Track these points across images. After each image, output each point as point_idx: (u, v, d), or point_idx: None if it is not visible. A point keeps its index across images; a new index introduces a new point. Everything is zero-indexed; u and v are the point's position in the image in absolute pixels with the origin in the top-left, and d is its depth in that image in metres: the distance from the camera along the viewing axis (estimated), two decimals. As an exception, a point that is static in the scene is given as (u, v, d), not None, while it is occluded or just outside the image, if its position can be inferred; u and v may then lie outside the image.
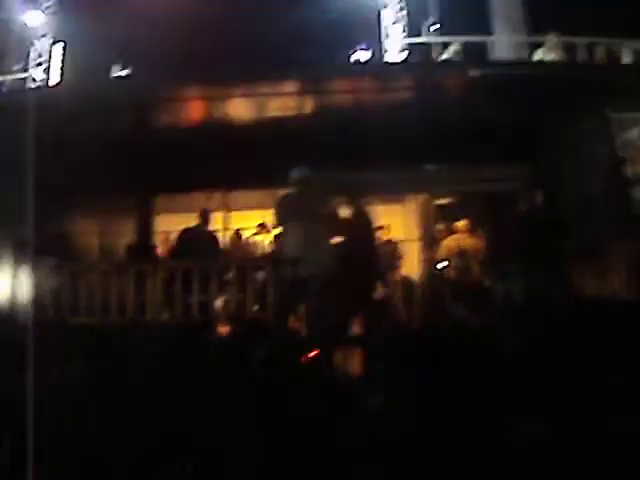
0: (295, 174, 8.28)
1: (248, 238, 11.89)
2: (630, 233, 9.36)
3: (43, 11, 14.72)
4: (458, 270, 11.02)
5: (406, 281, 12.24)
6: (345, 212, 8.54)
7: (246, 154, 10.36)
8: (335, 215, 8.43)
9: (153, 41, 12.81)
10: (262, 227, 11.85)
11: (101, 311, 8.47)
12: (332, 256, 8.34)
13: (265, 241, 11.62)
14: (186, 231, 10.40)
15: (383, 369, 6.90)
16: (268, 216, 10.64)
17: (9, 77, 13.45)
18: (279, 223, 8.51)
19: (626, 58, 11.93)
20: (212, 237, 10.45)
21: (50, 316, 8.53)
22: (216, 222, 12.13)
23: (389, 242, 12.66)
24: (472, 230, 11.27)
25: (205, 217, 10.34)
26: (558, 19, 12.51)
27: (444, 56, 12.17)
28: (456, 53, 12.09)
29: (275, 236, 9.01)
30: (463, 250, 11.11)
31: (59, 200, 10.03)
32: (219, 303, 8.63)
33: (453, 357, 6.54)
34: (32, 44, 14.43)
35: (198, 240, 10.03)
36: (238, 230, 11.94)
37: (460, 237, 11.36)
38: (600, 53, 12.23)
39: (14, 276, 9.32)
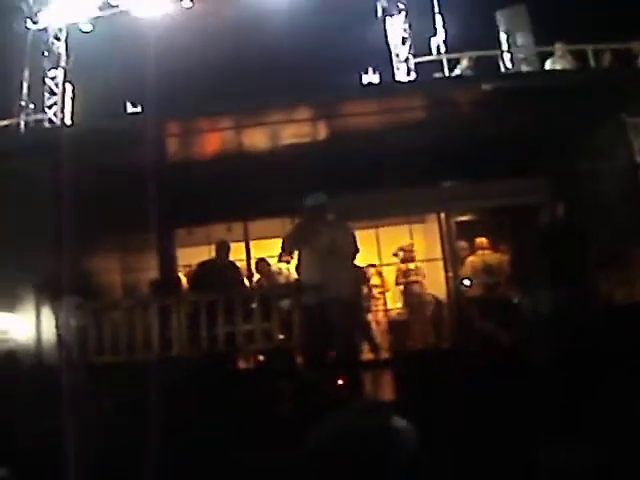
0: (309, 201, 8.24)
1: (270, 267, 11.89)
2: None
3: (53, 52, 14.86)
4: (484, 287, 10.97)
5: (432, 300, 12.24)
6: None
7: (263, 182, 10.38)
8: (351, 240, 8.36)
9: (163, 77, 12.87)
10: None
11: (126, 349, 8.42)
12: (351, 281, 8.31)
13: (286, 269, 11.63)
14: (204, 264, 10.40)
15: (414, 390, 6.81)
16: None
17: (25, 118, 13.55)
18: (295, 250, 8.48)
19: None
20: (231, 268, 10.42)
21: (75, 356, 8.51)
22: (238, 252, 12.18)
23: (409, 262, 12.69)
24: (495, 246, 11.23)
25: (222, 248, 10.33)
26: (564, 29, 12.51)
27: (455, 72, 12.13)
28: (467, 68, 12.05)
29: (295, 264, 8.94)
30: (488, 266, 11.06)
31: (81, 238, 10.07)
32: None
33: (484, 374, 6.46)
34: (44, 84, 14.56)
35: (217, 272, 10.01)
36: (260, 259, 11.93)
37: (484, 253, 11.33)
38: (608, 58, 12.17)
39: (38, 316, 9.36)
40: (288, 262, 11.26)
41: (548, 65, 12.17)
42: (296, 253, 8.52)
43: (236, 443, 5.78)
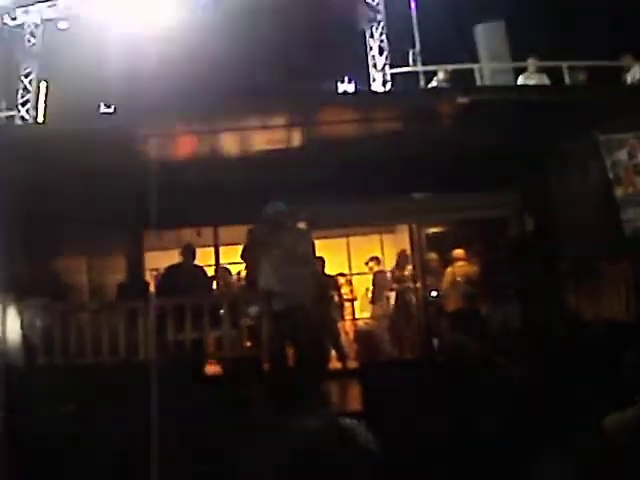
0: (269, 209, 8.27)
1: (237, 273, 11.87)
2: (621, 255, 9.33)
3: (29, 49, 14.74)
4: (453, 298, 11.01)
5: (401, 311, 12.26)
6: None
7: (233, 188, 10.31)
8: (310, 246, 8.38)
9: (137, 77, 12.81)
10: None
11: (92, 351, 8.35)
12: (311, 289, 8.31)
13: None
14: (170, 268, 10.33)
15: (381, 401, 6.81)
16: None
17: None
18: (254, 257, 8.46)
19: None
20: (198, 273, 10.36)
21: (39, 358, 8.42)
22: (207, 258, 12.13)
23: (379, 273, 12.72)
24: (466, 258, 11.27)
25: (188, 253, 10.27)
26: (540, 45, 12.60)
27: (432, 84, 12.19)
28: (444, 81, 12.11)
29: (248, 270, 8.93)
30: (459, 278, 11.11)
31: (47, 237, 9.97)
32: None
33: (455, 385, 6.49)
34: (19, 82, 14.45)
35: (183, 276, 9.95)
36: (225, 266, 11.92)
37: (455, 265, 11.37)
38: (582, 76, 12.30)
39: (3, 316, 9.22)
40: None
41: (521, 80, 12.27)
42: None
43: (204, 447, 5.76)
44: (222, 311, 8.85)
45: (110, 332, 8.49)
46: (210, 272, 11.56)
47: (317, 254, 8.43)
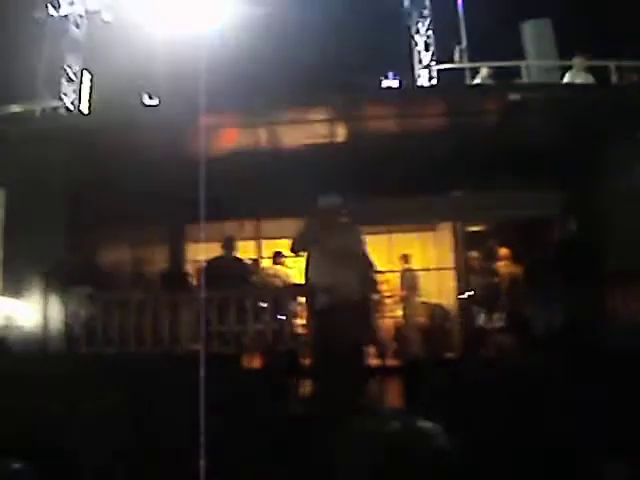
0: (323, 202, 8.17)
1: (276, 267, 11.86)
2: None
3: (73, 40, 14.85)
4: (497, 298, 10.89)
5: (441, 309, 12.18)
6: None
7: (279, 181, 10.31)
8: (363, 244, 8.30)
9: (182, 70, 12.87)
10: (279, 256, 11.85)
11: (135, 342, 8.38)
12: (360, 285, 8.24)
13: (288, 270, 11.60)
14: (212, 260, 10.35)
15: (424, 399, 6.76)
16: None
17: (42, 105, 13.49)
18: (301, 248, 8.39)
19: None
20: (239, 265, 10.35)
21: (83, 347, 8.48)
22: (249, 251, 12.14)
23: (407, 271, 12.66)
24: (510, 258, 11.14)
25: (229, 245, 10.26)
26: (588, 43, 12.45)
27: (476, 81, 12.07)
28: (487, 78, 12.00)
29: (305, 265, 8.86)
30: (502, 278, 10.99)
31: (92, 229, 10.04)
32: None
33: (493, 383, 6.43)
34: (63, 72, 14.56)
35: (224, 269, 9.94)
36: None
37: (499, 265, 11.25)
38: (630, 77, 12.12)
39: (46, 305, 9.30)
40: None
41: (567, 79, 12.11)
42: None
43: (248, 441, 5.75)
44: (264, 304, 8.82)
45: (153, 322, 8.52)
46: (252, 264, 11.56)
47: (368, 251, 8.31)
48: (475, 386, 6.58)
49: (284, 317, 8.61)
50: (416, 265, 12.95)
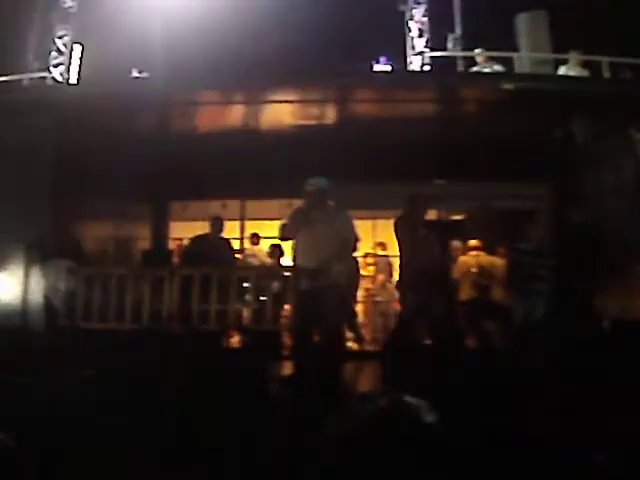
0: (310, 185, 8.12)
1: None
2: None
3: (64, 11, 14.67)
4: (476, 288, 10.88)
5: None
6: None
7: (264, 162, 10.24)
8: (351, 228, 8.26)
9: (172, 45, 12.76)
10: (255, 237, 11.83)
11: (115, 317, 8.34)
12: (348, 270, 8.22)
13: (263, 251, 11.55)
14: (197, 238, 10.30)
15: (404, 382, 6.73)
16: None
17: (29, 75, 13.33)
18: (291, 234, 8.35)
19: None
20: (225, 245, 10.31)
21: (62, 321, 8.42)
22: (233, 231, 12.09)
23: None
24: (490, 247, 11.12)
25: (217, 225, 10.22)
26: (582, 38, 12.43)
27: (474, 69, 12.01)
28: (482, 67, 11.95)
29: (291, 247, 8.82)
30: (481, 267, 10.96)
31: (75, 202, 9.95)
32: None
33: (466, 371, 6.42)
34: (53, 43, 14.40)
35: (209, 247, 9.91)
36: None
37: (478, 254, 11.22)
38: (623, 73, 12.12)
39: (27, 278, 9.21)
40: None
41: (561, 72, 12.09)
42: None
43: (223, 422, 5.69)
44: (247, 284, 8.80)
45: (134, 298, 8.47)
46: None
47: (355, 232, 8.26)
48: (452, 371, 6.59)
49: (265, 298, 8.58)
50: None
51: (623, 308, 9.16)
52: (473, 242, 11.20)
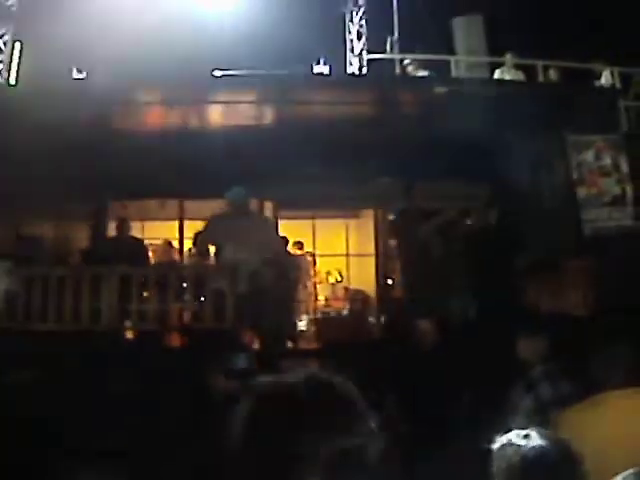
0: (231, 195, 8.32)
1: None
2: (579, 253, 9.52)
3: (6, 9, 14.50)
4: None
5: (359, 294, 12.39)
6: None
7: (200, 163, 10.27)
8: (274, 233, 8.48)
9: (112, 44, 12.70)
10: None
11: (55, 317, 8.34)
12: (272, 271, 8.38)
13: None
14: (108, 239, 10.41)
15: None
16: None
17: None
18: (213, 239, 8.51)
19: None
20: (134, 245, 10.35)
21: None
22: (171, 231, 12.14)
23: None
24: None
25: (122, 225, 10.28)
26: (515, 41, 12.71)
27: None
28: (411, 69, 12.15)
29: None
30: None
31: (13, 201, 9.89)
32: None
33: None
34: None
35: (116, 248, 9.93)
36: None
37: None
38: (554, 75, 12.43)
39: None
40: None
41: (497, 75, 12.37)
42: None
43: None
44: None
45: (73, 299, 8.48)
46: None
47: (280, 234, 8.47)
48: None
49: (203, 297, 8.68)
50: (339, 251, 13.23)
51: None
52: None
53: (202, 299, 8.75)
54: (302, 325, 12.01)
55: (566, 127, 10.58)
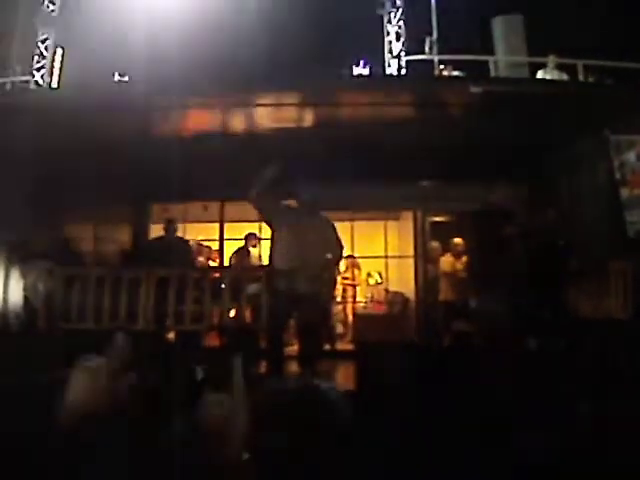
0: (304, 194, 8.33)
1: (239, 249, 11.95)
2: (625, 255, 9.36)
3: (47, 14, 14.73)
4: (453, 288, 11.04)
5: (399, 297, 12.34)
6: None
7: (243, 165, 10.32)
8: (327, 230, 8.41)
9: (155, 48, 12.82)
10: (251, 237, 11.92)
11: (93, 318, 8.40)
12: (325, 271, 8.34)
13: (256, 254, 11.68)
14: (154, 240, 10.45)
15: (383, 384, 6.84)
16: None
17: (12, 79, 13.39)
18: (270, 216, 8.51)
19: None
20: (181, 246, 10.44)
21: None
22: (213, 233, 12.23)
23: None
24: (467, 249, 11.29)
25: (170, 227, 10.38)
26: (557, 42, 12.58)
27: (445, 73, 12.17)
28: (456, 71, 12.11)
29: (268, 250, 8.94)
30: (458, 268, 11.14)
31: (56, 203, 10.02)
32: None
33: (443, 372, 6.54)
34: (36, 47, 14.46)
35: (164, 249, 10.02)
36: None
37: (455, 255, 11.39)
38: (596, 76, 12.30)
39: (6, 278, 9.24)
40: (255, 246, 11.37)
41: (539, 76, 12.25)
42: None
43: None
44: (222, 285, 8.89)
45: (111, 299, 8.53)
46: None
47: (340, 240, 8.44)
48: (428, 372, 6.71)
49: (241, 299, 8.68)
50: (378, 252, 13.20)
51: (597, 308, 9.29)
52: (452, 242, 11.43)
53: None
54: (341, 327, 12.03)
55: (608, 127, 10.44)
